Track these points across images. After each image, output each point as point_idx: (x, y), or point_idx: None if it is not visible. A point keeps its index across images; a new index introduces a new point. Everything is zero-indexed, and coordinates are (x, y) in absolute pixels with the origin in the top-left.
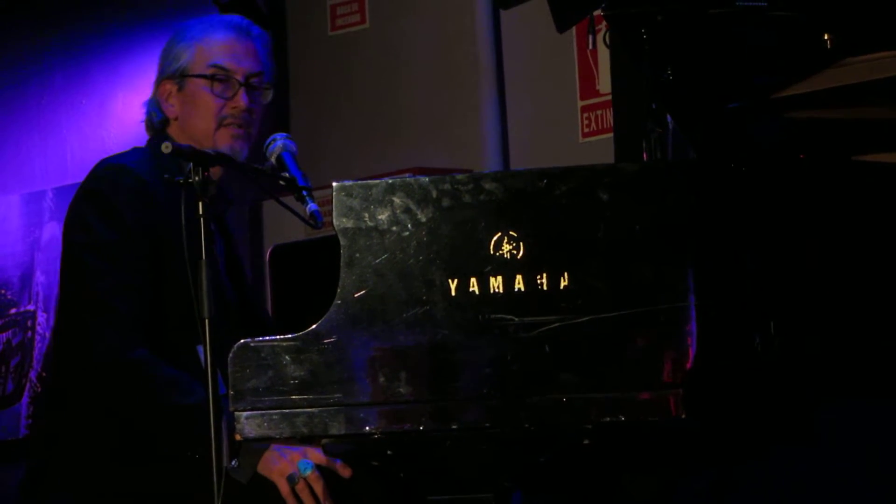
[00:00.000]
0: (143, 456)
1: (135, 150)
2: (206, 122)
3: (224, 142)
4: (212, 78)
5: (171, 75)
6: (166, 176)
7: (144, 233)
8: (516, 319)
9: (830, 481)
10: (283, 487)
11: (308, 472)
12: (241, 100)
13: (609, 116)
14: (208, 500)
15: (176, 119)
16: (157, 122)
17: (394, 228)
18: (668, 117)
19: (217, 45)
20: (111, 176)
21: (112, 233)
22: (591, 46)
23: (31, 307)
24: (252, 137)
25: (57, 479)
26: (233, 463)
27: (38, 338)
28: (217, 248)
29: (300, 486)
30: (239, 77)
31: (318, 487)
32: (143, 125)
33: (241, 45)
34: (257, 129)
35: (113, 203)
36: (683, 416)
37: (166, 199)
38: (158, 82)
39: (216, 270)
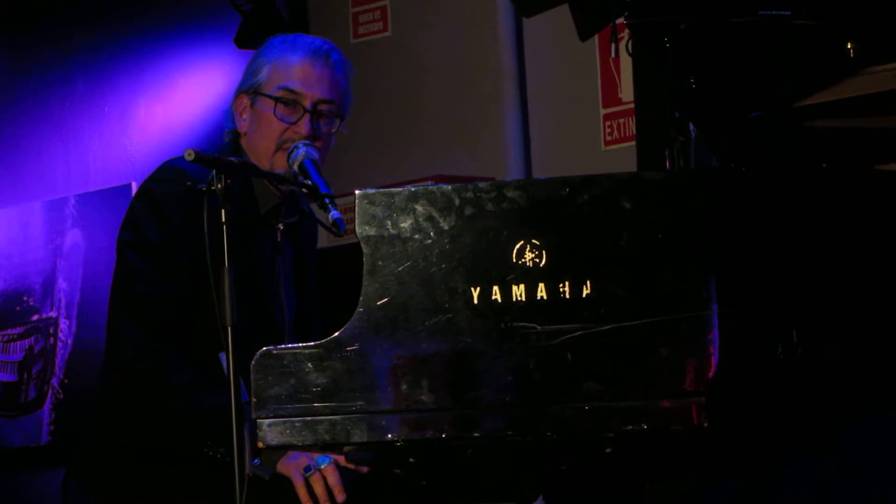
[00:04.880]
0: (161, 455)
1: None
2: (267, 143)
3: (280, 164)
4: (279, 100)
5: (247, 90)
6: (188, 184)
7: (190, 239)
8: (539, 327)
9: (852, 489)
10: (297, 479)
11: (324, 465)
12: (304, 126)
13: (631, 125)
14: (228, 501)
15: (245, 134)
16: (230, 132)
17: (416, 236)
18: (691, 126)
19: (291, 68)
20: (166, 179)
21: (157, 235)
22: (613, 55)
23: (53, 314)
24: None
25: (79, 477)
26: (255, 462)
27: (60, 344)
28: (284, 259)
29: (314, 477)
30: (306, 103)
31: (332, 478)
32: (167, 131)
33: (315, 71)
34: (324, 156)
35: (163, 206)
36: (706, 425)
37: (217, 206)
38: (236, 94)
39: (273, 283)
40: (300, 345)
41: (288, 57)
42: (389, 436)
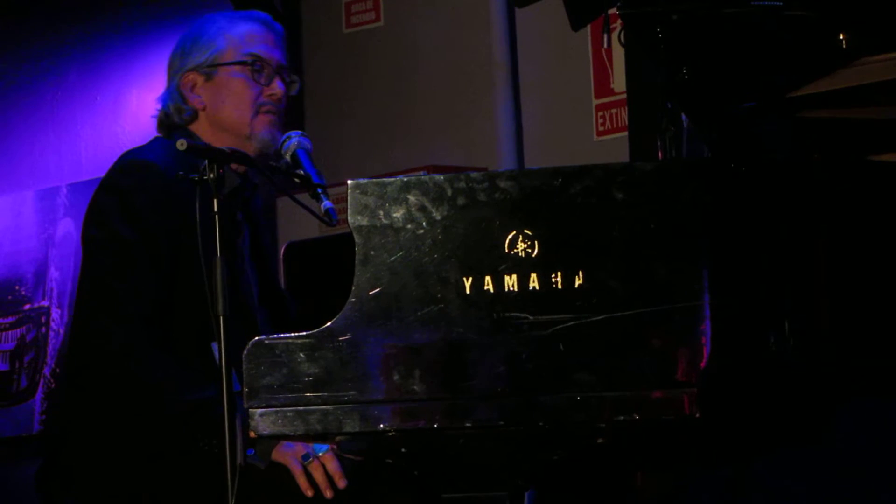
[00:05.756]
0: (150, 452)
1: (159, 143)
2: (243, 110)
3: (262, 128)
4: (249, 65)
5: (197, 66)
6: (180, 173)
7: (163, 231)
8: (531, 318)
9: (843, 481)
10: (295, 467)
11: (322, 452)
12: (278, 87)
13: (624, 115)
14: (220, 495)
15: (204, 110)
16: (184, 116)
17: (409, 226)
18: (683, 116)
19: (248, 35)
20: (133, 172)
21: (130, 231)
22: (605, 45)
23: (45, 303)
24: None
25: (63, 476)
26: (249, 451)
27: (51, 334)
28: (242, 239)
29: (313, 465)
30: (273, 65)
31: (331, 466)
32: (154, 121)
33: (270, 37)
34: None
35: (133, 201)
36: (697, 415)
37: (188, 196)
38: (180, 75)
39: (240, 263)
40: (292, 334)
41: (240, 26)
42: (381, 426)
